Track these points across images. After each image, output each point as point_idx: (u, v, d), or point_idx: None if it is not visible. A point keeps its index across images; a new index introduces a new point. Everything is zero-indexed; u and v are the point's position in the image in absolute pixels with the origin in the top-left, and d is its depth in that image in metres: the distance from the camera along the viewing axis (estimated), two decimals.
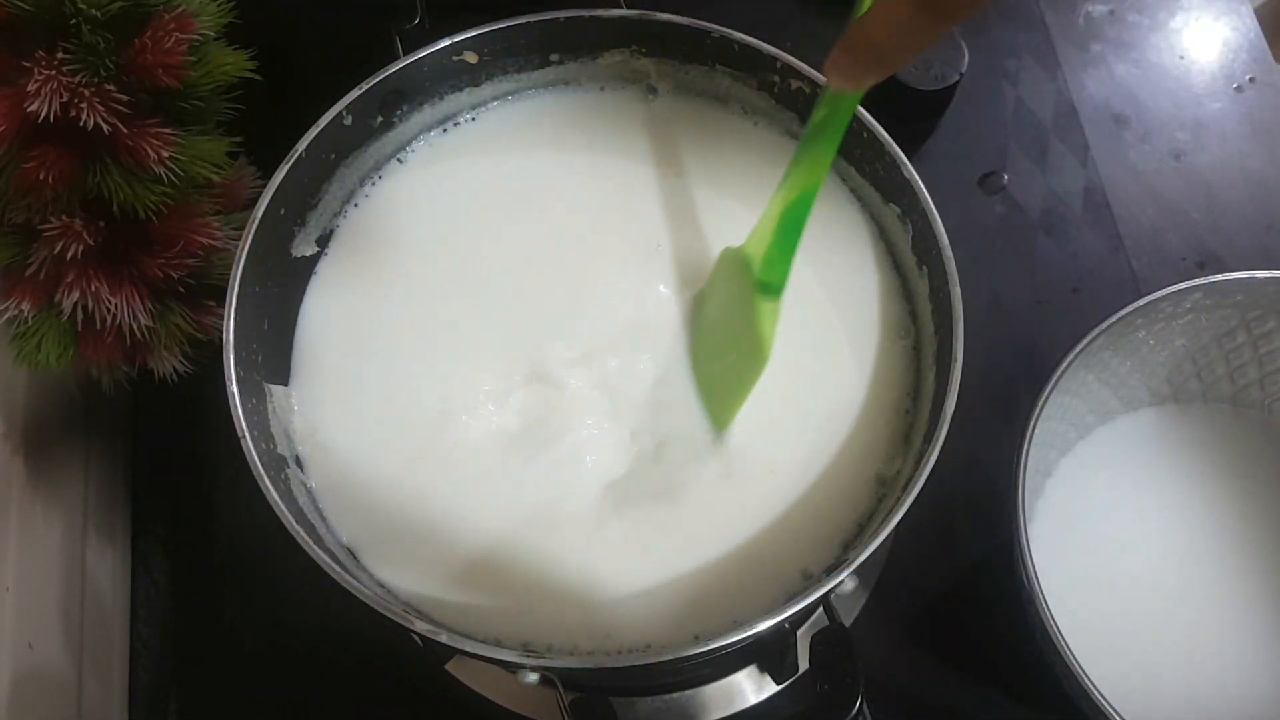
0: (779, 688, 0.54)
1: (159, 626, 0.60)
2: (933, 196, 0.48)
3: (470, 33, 0.51)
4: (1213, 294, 0.53)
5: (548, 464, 0.47)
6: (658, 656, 0.41)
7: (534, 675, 0.43)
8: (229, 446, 0.42)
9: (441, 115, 0.55)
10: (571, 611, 0.45)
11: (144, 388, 0.57)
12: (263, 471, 0.42)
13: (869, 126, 0.49)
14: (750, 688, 0.55)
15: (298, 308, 0.51)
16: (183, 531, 0.62)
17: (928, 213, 0.47)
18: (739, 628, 0.40)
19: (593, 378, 0.49)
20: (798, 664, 0.50)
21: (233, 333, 0.44)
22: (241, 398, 0.44)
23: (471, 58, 0.52)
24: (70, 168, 0.47)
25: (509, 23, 0.52)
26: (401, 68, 0.50)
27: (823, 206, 0.45)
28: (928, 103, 0.69)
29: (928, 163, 0.70)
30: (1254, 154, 0.72)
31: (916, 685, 0.58)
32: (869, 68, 0.36)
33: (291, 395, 0.49)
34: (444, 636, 0.40)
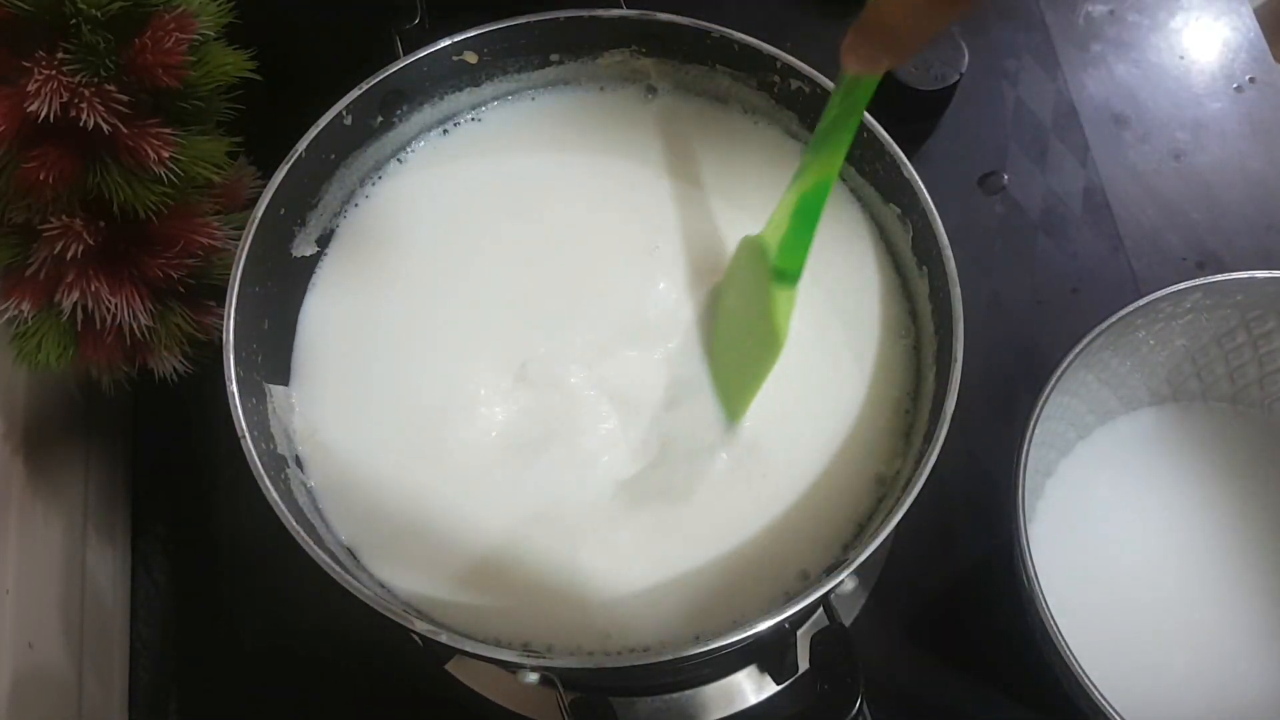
0: (779, 688, 0.54)
1: (159, 626, 0.60)
2: (933, 196, 0.48)
3: (470, 33, 0.51)
4: (1213, 294, 0.53)
5: (548, 463, 0.47)
6: (658, 657, 0.41)
7: (534, 675, 0.43)
8: (229, 446, 0.42)
9: (441, 115, 0.55)
10: (571, 611, 0.45)
11: (144, 388, 0.57)
12: (263, 471, 0.42)
13: (869, 126, 0.49)
14: (750, 688, 0.55)
15: (298, 308, 0.51)
16: (183, 531, 0.62)
17: (928, 212, 0.47)
18: (739, 628, 0.40)
19: (593, 377, 0.49)
20: (798, 664, 0.50)
21: (233, 333, 0.44)
22: (241, 398, 0.44)
23: (471, 58, 0.52)
24: (70, 168, 0.47)
25: (509, 23, 0.52)
26: (401, 68, 0.50)
27: None
28: (928, 103, 0.69)
29: (928, 163, 0.70)
30: (1254, 154, 0.72)
31: (916, 685, 0.58)
32: (884, 50, 0.36)
33: (291, 395, 0.49)
34: (444, 636, 0.40)
